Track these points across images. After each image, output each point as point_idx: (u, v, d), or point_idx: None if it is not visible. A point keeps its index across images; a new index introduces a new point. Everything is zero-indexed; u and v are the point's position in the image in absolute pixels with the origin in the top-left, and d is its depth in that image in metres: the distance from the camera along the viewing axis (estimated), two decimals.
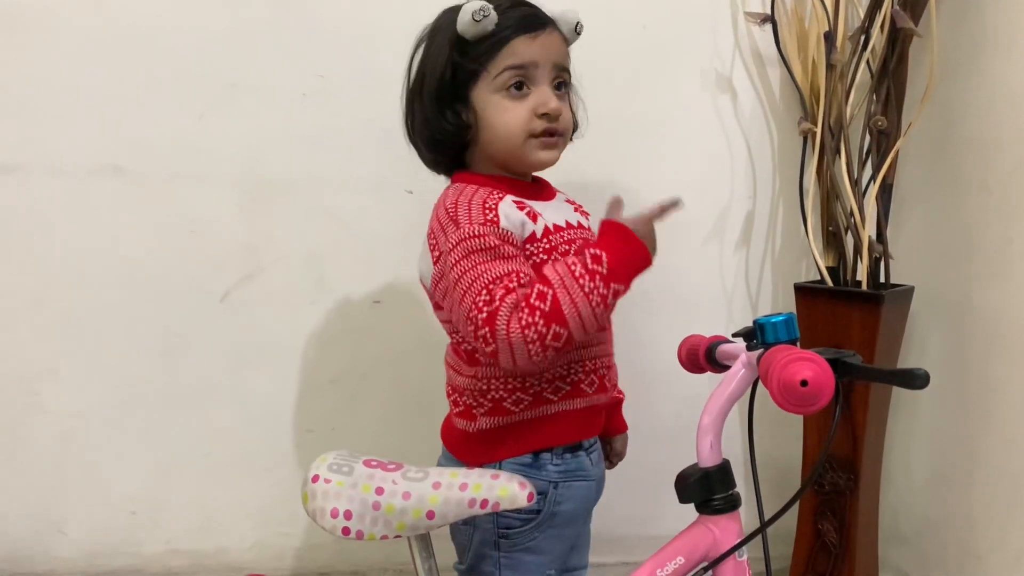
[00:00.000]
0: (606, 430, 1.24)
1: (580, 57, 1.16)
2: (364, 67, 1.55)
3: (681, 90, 1.68)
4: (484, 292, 0.94)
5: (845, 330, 1.50)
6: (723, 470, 0.92)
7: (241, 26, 1.55)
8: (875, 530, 1.61)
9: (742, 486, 0.94)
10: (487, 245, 0.98)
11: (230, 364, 1.62)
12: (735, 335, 0.95)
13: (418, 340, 1.58)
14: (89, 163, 1.55)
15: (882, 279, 1.55)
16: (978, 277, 1.49)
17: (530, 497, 0.95)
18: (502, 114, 1.04)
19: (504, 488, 0.94)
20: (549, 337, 0.92)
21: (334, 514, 0.92)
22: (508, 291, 0.94)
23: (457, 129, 1.06)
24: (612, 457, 1.27)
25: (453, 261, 0.98)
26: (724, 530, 0.92)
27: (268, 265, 1.61)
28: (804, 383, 0.73)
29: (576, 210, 1.14)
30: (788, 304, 1.66)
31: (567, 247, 1.04)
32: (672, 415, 1.51)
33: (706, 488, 0.91)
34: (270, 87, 1.57)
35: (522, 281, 0.95)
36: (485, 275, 0.96)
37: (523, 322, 0.91)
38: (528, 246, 1.02)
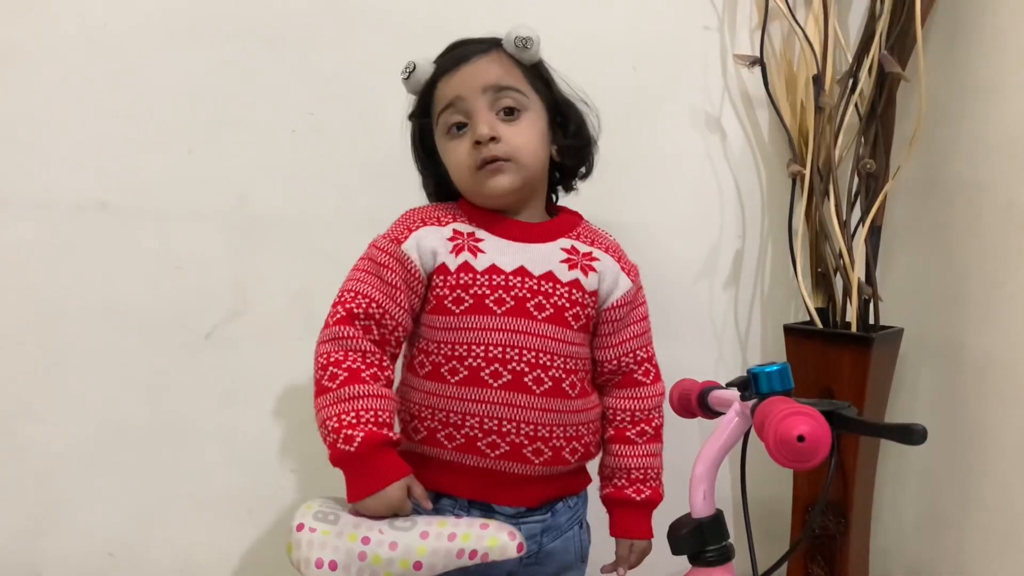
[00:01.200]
0: (610, 526, 1.17)
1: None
2: (354, 105, 1.55)
3: (671, 131, 1.69)
4: (338, 296, 1.06)
5: (835, 371, 1.49)
6: (716, 521, 0.90)
7: (231, 63, 1.55)
8: (866, 573, 1.59)
9: (732, 528, 0.92)
10: (375, 259, 1.06)
11: (215, 402, 1.59)
12: (729, 385, 0.94)
13: None
14: (74, 198, 1.53)
15: (871, 321, 1.54)
16: (967, 320, 1.49)
17: (519, 548, 0.93)
18: (450, 156, 1.08)
19: (493, 538, 0.93)
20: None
21: (319, 564, 0.91)
22: (344, 310, 1.03)
23: (428, 177, 1.16)
24: (619, 563, 1.18)
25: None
26: None
27: (255, 302, 1.59)
28: (801, 439, 0.72)
29: (566, 261, 1.08)
30: (778, 344, 1.65)
31: (484, 291, 1.03)
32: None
33: (699, 540, 0.90)
34: (259, 124, 1.56)
35: (360, 305, 1.03)
36: (347, 284, 1.06)
37: (317, 352, 1.05)
38: (435, 277, 1.05)
